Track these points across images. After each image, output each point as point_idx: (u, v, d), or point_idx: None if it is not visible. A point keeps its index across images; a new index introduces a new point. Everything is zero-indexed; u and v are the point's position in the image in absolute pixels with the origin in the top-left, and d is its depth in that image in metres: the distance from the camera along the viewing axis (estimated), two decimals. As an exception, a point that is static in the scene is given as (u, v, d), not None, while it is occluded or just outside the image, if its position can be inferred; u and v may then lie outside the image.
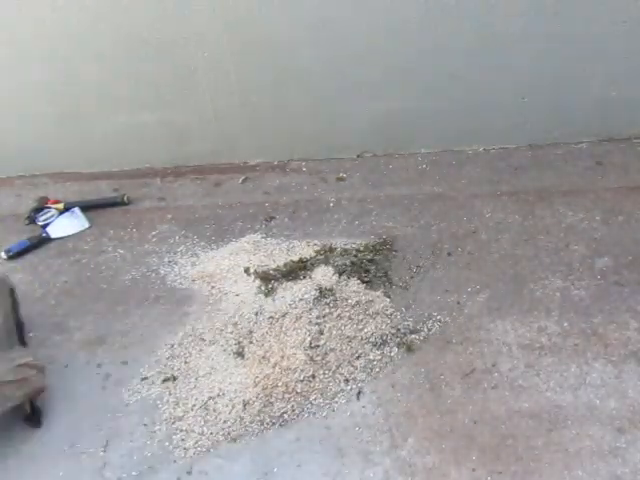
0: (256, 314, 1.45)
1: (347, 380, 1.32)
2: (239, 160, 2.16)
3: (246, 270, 1.59)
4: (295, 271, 1.55)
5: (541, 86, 1.84)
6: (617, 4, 1.67)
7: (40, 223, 1.98)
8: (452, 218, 1.74)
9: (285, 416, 1.26)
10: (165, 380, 1.39)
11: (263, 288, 1.51)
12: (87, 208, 2.00)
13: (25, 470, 1.27)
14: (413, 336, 1.39)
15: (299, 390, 1.29)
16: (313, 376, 1.31)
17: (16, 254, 1.87)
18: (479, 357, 1.33)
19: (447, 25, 1.75)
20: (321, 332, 1.37)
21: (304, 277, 1.50)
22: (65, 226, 1.93)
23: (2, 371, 1.24)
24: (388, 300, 1.47)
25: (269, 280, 1.53)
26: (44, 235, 1.94)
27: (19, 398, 1.26)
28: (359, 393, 1.29)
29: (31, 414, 1.34)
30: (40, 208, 2.01)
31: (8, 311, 1.43)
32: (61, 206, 2.01)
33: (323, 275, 1.48)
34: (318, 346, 1.35)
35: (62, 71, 1.98)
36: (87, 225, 1.95)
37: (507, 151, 1.98)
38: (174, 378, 1.39)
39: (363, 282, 1.50)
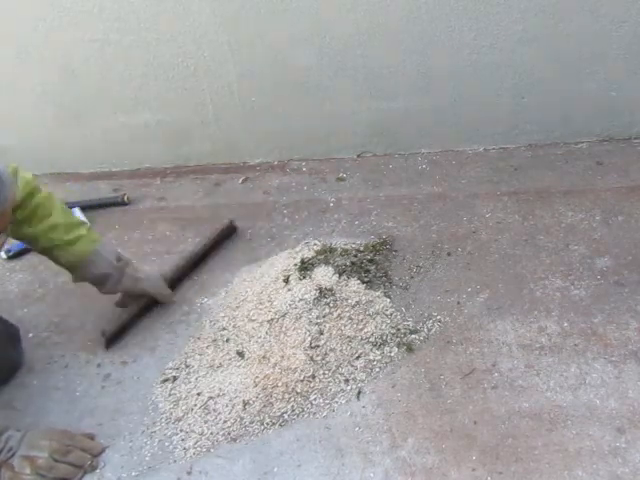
0: (256, 314, 1.45)
1: (347, 380, 1.32)
2: (239, 160, 2.16)
3: (246, 270, 1.59)
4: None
5: (541, 86, 1.84)
6: (617, 4, 1.67)
7: (40, 223, 1.98)
8: (452, 218, 1.74)
9: (285, 416, 1.26)
10: (165, 380, 1.39)
11: (263, 288, 1.51)
12: (87, 208, 2.00)
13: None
14: (413, 336, 1.39)
15: (299, 390, 1.29)
16: (313, 376, 1.31)
17: (16, 254, 1.87)
18: (479, 357, 1.33)
19: (447, 24, 1.75)
20: (321, 332, 1.37)
21: (304, 277, 1.50)
22: (65, 226, 1.92)
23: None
24: (388, 300, 1.47)
25: (269, 280, 1.53)
26: (44, 235, 1.93)
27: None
28: (359, 393, 1.29)
29: None
30: (40, 208, 2.01)
31: None
32: (61, 206, 2.01)
33: (323, 275, 1.48)
34: (318, 346, 1.35)
35: (62, 70, 1.98)
36: (87, 225, 1.94)
37: (507, 151, 1.98)
38: (174, 378, 1.39)
39: (363, 282, 1.50)
